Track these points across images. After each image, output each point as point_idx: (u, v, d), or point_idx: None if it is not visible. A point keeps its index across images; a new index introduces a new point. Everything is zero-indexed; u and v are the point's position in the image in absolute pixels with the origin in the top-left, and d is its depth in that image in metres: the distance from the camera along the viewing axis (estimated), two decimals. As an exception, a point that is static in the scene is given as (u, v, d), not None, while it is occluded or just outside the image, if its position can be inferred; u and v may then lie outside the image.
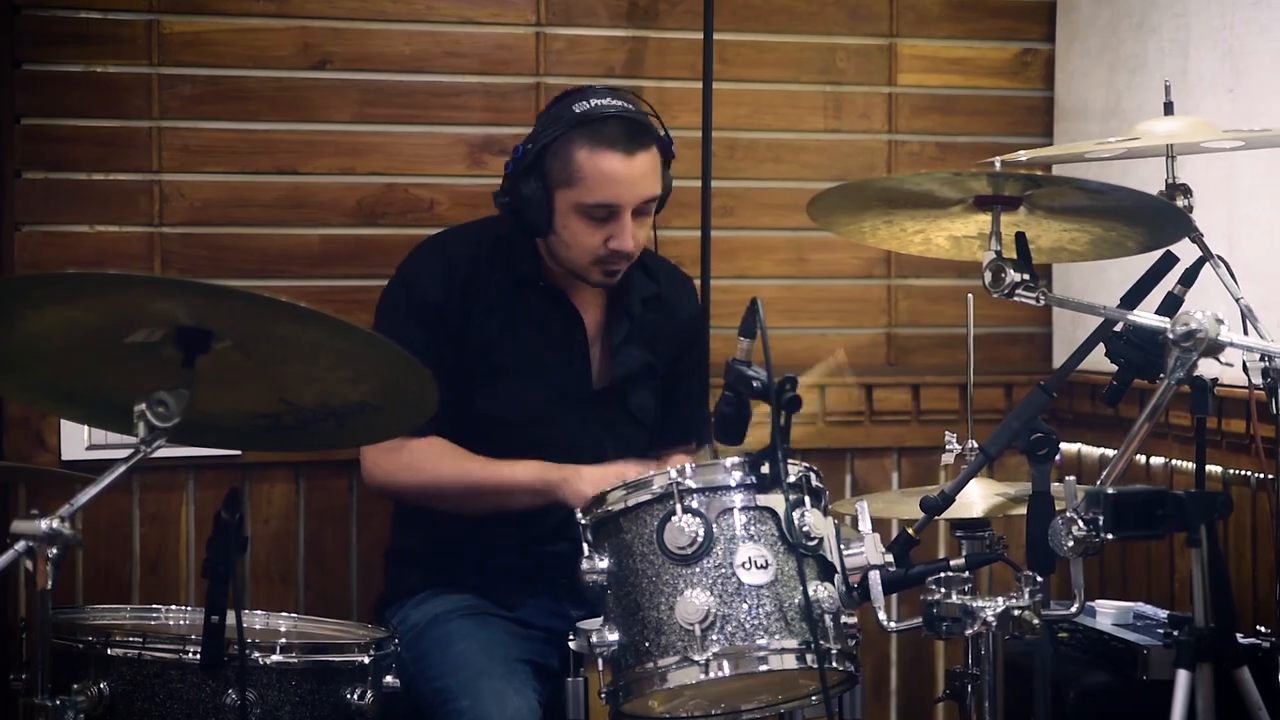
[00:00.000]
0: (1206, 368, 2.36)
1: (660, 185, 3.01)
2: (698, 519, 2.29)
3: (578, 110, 2.95)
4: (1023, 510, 2.40)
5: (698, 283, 3.47)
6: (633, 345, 3.15)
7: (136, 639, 2.44)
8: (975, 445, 2.72)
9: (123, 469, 2.05)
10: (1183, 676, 2.49)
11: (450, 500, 3.03)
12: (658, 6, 3.65)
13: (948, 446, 2.80)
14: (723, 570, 2.27)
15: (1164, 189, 2.61)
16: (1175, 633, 2.55)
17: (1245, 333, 2.49)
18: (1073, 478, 2.34)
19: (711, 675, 2.24)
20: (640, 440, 3.16)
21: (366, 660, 2.53)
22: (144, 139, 3.40)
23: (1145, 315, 2.41)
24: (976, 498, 2.78)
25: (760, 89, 3.74)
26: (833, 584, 2.30)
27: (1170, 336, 2.29)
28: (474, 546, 3.07)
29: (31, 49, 3.34)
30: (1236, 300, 2.54)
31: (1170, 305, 2.52)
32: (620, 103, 2.97)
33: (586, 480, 2.81)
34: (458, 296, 3.04)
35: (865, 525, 2.36)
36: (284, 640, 2.52)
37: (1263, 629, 2.83)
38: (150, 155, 3.40)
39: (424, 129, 3.55)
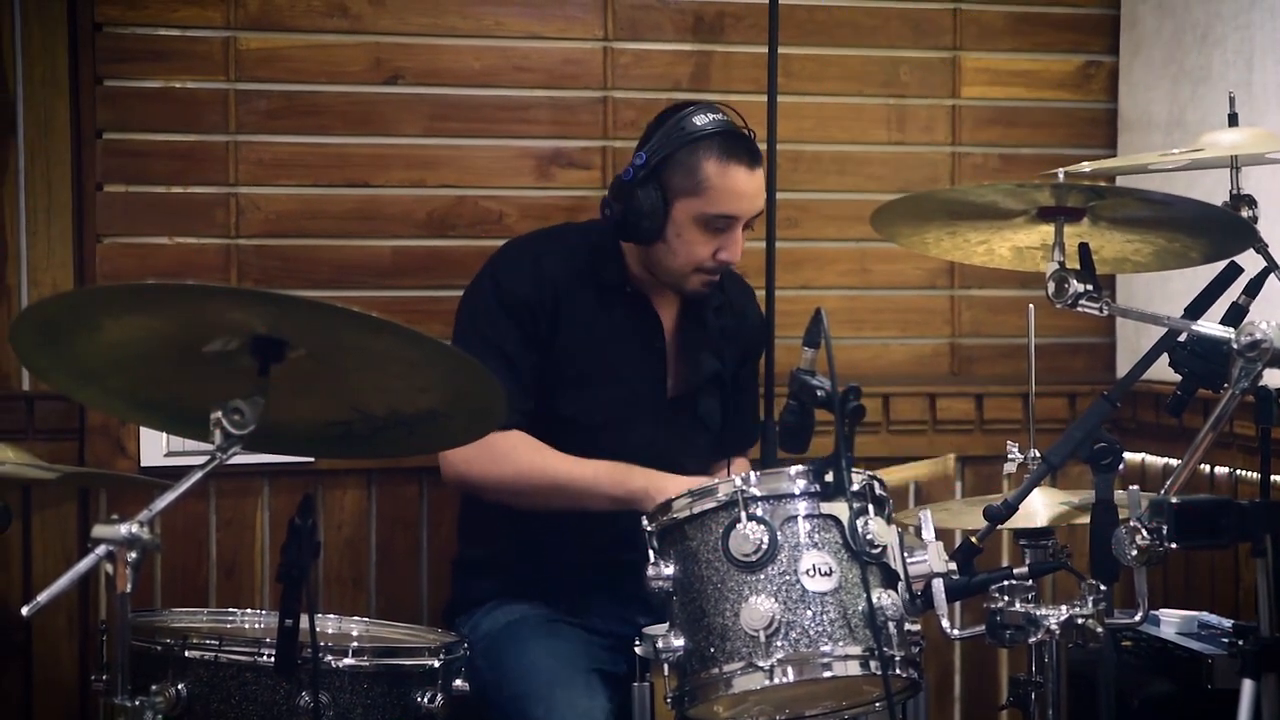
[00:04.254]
0: (1271, 378, 2.36)
1: None
2: (762, 526, 2.31)
3: (700, 123, 3.02)
4: (1086, 519, 2.40)
5: (762, 294, 3.50)
6: (706, 352, 3.19)
7: (213, 641, 2.48)
8: (1037, 454, 2.73)
9: (200, 475, 2.09)
10: (1248, 686, 2.48)
11: (528, 495, 3.03)
12: (723, 21, 3.68)
13: (1010, 455, 2.81)
14: (787, 577, 2.29)
15: (1228, 200, 2.60)
16: (1240, 642, 2.54)
17: (1310, 343, 2.48)
18: (1136, 487, 2.35)
19: (776, 681, 2.26)
20: (708, 446, 3.21)
21: (436, 664, 2.56)
22: (221, 153, 3.46)
23: (1209, 325, 2.41)
24: (1040, 507, 2.79)
25: (824, 102, 3.76)
26: (896, 591, 2.31)
27: (1235, 346, 2.29)
28: (542, 554, 3.10)
29: (112, 66, 3.41)
30: (1301, 310, 2.54)
31: (1235, 315, 2.51)
32: (728, 119, 3.06)
33: (670, 491, 2.82)
34: (548, 299, 3.09)
35: (928, 533, 2.37)
36: (356, 644, 2.56)
37: (1329, 639, 2.81)
38: (227, 169, 3.46)
39: (493, 142, 3.60)
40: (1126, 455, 2.45)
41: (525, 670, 2.93)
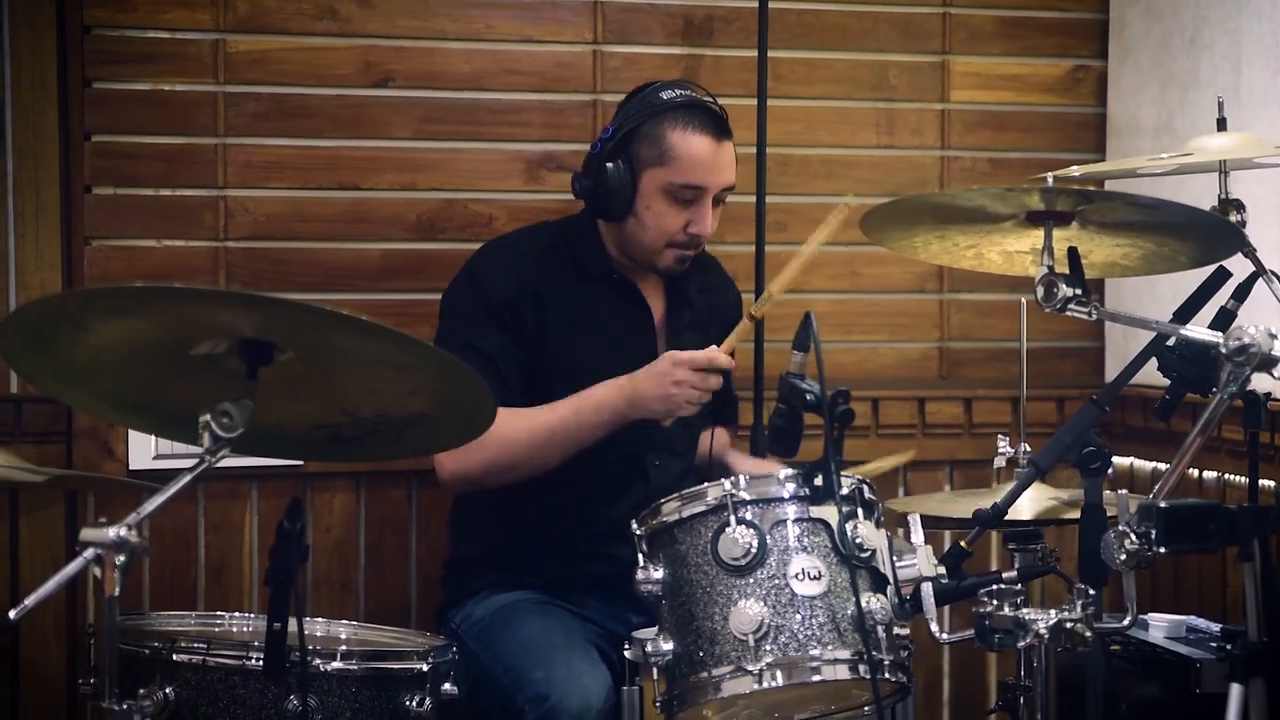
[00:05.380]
0: (1259, 382, 2.36)
1: (735, 178, 3.11)
2: (751, 530, 2.31)
3: (666, 97, 3.06)
4: (1074, 519, 2.41)
5: (751, 296, 3.50)
6: (692, 333, 3.21)
7: (201, 645, 2.47)
8: (1027, 449, 2.74)
9: (188, 478, 2.09)
10: (1235, 690, 2.48)
11: (526, 462, 3.00)
12: (713, 24, 3.69)
13: (999, 450, 2.81)
14: (776, 581, 2.30)
15: (1216, 204, 2.61)
16: (1228, 646, 2.54)
17: (1298, 347, 2.48)
18: (1125, 491, 2.35)
19: (765, 685, 2.26)
20: (694, 424, 3.21)
21: (425, 667, 2.56)
22: (209, 155, 3.46)
23: (1198, 330, 2.41)
24: (1027, 502, 2.78)
25: (813, 105, 3.76)
26: (885, 595, 2.32)
27: (1223, 351, 2.29)
28: (534, 551, 3.10)
29: (101, 68, 3.40)
30: (1289, 314, 2.54)
31: (1223, 320, 2.52)
32: (703, 95, 3.10)
33: (651, 397, 2.89)
34: (530, 297, 3.09)
35: (917, 537, 2.38)
36: (344, 647, 2.56)
37: (1317, 643, 2.81)
38: (215, 171, 3.46)
39: (483, 145, 3.60)
40: (1115, 459, 2.45)
41: (521, 643, 2.92)
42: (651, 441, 3.06)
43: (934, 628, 2.33)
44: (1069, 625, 2.31)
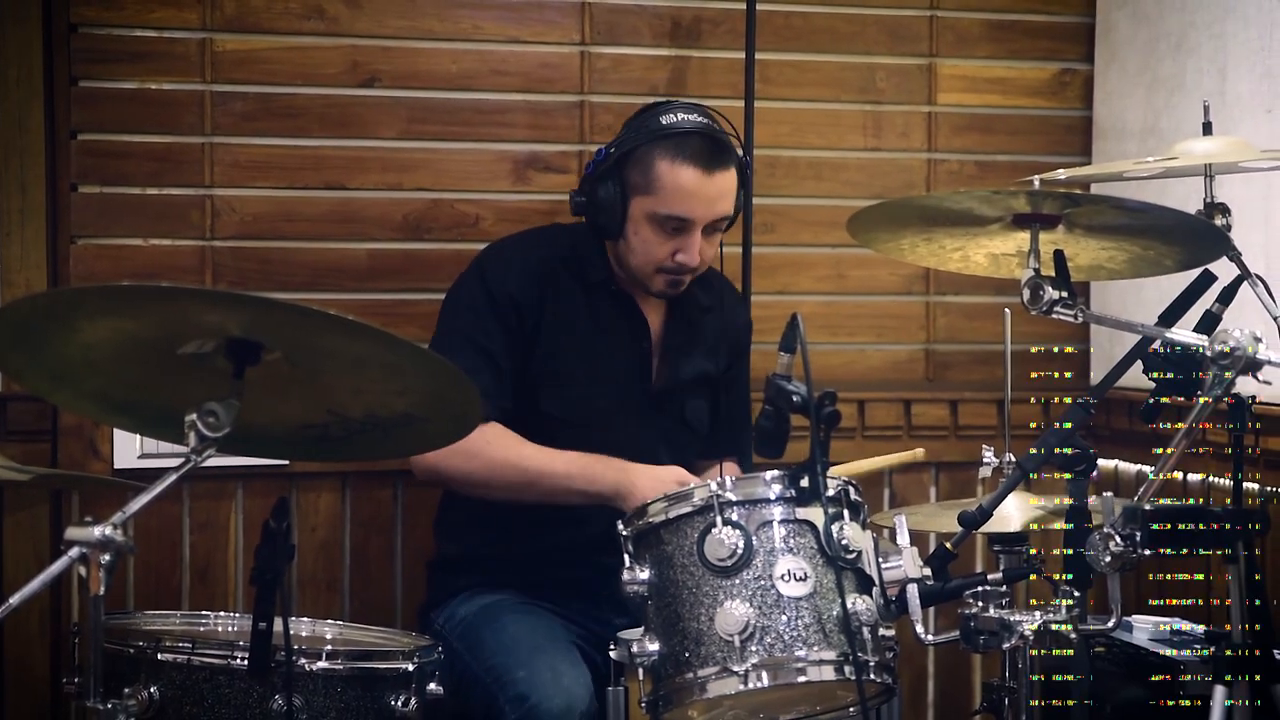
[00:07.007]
0: (1244, 385, 2.38)
1: (734, 206, 3.07)
2: (738, 531, 2.31)
3: (664, 121, 3.02)
4: (1060, 525, 2.41)
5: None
6: (691, 352, 3.20)
7: (186, 644, 2.47)
8: (1012, 459, 2.74)
9: (174, 478, 2.09)
10: (1219, 692, 2.49)
11: (500, 490, 3.02)
12: (700, 26, 3.69)
13: (985, 460, 2.82)
14: (762, 582, 2.30)
15: (1202, 208, 2.62)
16: (1212, 648, 2.55)
17: (1283, 350, 2.49)
18: (1110, 494, 2.36)
19: (750, 686, 2.27)
20: (693, 447, 3.21)
21: (410, 667, 2.56)
22: (196, 154, 3.45)
23: (1183, 333, 2.42)
24: (1013, 511, 2.80)
25: (801, 108, 3.77)
26: (871, 597, 2.32)
27: (1208, 354, 2.30)
28: (518, 553, 3.10)
29: (88, 66, 3.39)
30: (1274, 318, 2.55)
31: (1208, 323, 2.52)
32: (704, 120, 3.05)
33: (637, 496, 2.83)
34: (536, 299, 3.08)
35: (903, 539, 2.38)
36: (330, 647, 2.56)
37: (1300, 645, 2.82)
38: (202, 170, 3.46)
39: (470, 146, 3.59)
40: (1100, 462, 2.46)
41: (504, 642, 2.92)
42: (643, 461, 3.03)
43: (919, 629, 2.34)
44: (1053, 627, 2.31)
